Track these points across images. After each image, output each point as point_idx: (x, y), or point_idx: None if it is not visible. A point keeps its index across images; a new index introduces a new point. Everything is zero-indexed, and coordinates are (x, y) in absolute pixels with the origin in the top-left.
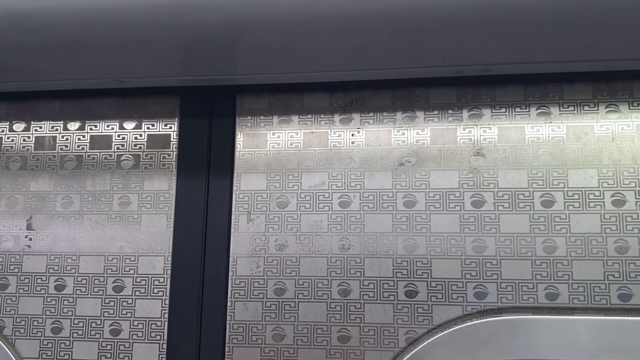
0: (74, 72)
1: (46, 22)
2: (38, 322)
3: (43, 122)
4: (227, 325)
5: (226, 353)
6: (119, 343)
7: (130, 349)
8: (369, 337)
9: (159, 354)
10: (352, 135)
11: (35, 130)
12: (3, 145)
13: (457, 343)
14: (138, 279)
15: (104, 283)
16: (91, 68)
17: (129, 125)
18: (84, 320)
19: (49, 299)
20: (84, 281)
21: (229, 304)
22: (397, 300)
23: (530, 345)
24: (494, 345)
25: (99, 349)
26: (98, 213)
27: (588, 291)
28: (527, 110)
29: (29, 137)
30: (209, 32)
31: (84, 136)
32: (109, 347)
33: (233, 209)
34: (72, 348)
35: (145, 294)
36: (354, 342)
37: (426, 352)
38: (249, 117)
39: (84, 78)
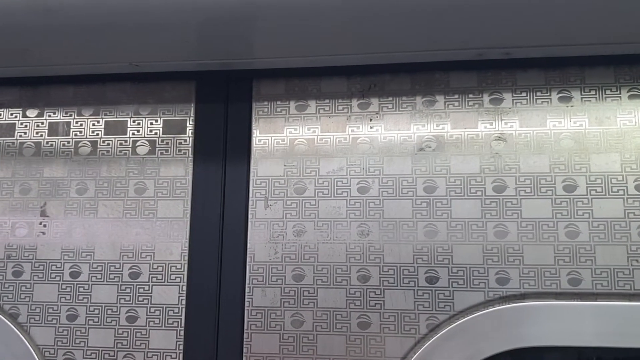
0: (88, 56)
1: (61, 5)
2: (53, 310)
3: (57, 108)
4: (246, 311)
5: (245, 339)
6: (135, 330)
7: (147, 336)
8: (389, 323)
9: (176, 341)
10: (371, 120)
11: (49, 116)
12: (16, 132)
13: (479, 329)
14: (155, 265)
15: (120, 270)
16: (106, 51)
17: (145, 110)
18: (100, 308)
19: (64, 286)
20: (100, 268)
21: (247, 289)
22: (418, 287)
23: (553, 331)
24: (516, 331)
25: (115, 336)
26: (114, 199)
27: (611, 276)
28: (548, 94)
29: (42, 123)
30: (225, 15)
31: (98, 122)
32: (125, 334)
33: (250, 195)
34: (87, 335)
35: (162, 281)
36: (374, 328)
37: (448, 338)
38: (266, 103)
39: (99, 62)
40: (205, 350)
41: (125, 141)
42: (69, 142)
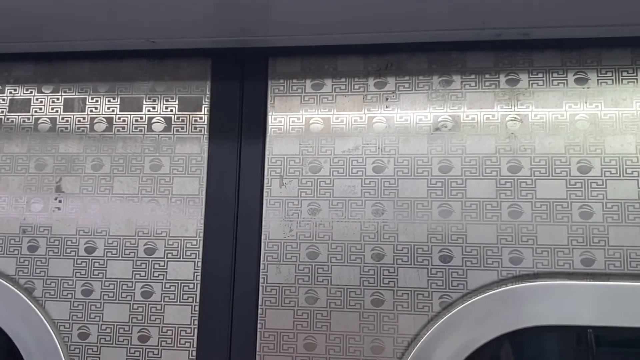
0: (105, 32)
1: None
2: (68, 284)
3: (72, 84)
4: (260, 288)
5: (259, 315)
6: (150, 305)
7: (162, 311)
8: (402, 301)
9: (191, 316)
10: (387, 99)
11: (64, 92)
12: (32, 107)
13: (492, 308)
14: (170, 242)
15: (135, 245)
16: (123, 28)
17: (160, 87)
18: (115, 283)
19: (79, 261)
20: (115, 243)
21: (261, 266)
22: (432, 265)
23: (565, 310)
24: (529, 310)
25: (129, 311)
26: (129, 175)
27: (624, 257)
28: (565, 75)
29: (57, 99)
30: None
31: (114, 98)
32: (140, 309)
33: (265, 173)
34: (102, 310)
35: (178, 257)
36: (387, 306)
37: (461, 316)
38: (282, 81)
39: (115, 38)
40: (220, 325)
41: (141, 118)
42: (84, 118)
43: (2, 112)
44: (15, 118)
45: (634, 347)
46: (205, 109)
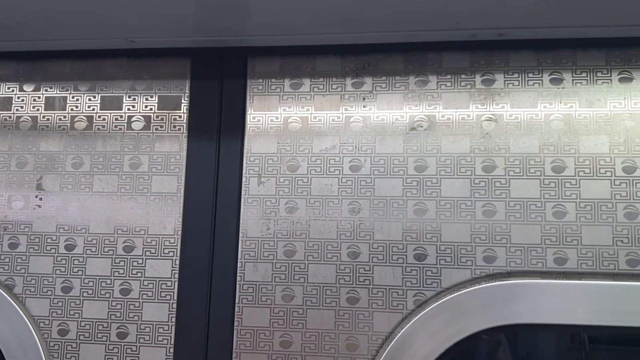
0: (85, 31)
1: None
2: (48, 281)
3: (53, 83)
4: (237, 286)
5: (236, 313)
6: (129, 302)
7: (140, 308)
8: (377, 299)
9: (169, 313)
10: (364, 99)
11: (46, 90)
12: (13, 105)
13: (466, 306)
14: (148, 239)
15: (114, 243)
16: (102, 27)
17: (140, 86)
18: (94, 280)
19: (59, 259)
20: (94, 241)
21: (239, 264)
22: (406, 263)
23: (538, 309)
24: (502, 308)
25: (109, 308)
26: (109, 174)
27: (596, 256)
28: (540, 76)
29: (39, 97)
30: None
31: (94, 97)
32: (118, 306)
33: (244, 172)
34: (82, 307)
35: (156, 254)
36: (362, 304)
37: (434, 314)
38: (260, 80)
39: (95, 37)
40: (197, 323)
41: (121, 116)
42: (65, 116)
43: None
44: None
45: (606, 345)
46: (185, 107)
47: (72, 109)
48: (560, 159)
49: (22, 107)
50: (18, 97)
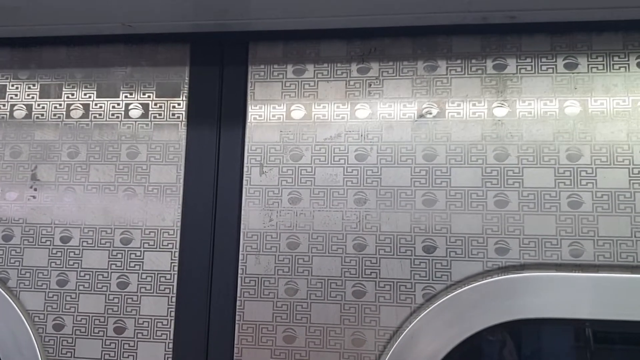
0: (80, 16)
1: None
2: (43, 275)
3: (49, 70)
4: (239, 279)
5: (237, 307)
6: (126, 296)
7: (138, 302)
8: (384, 293)
9: (168, 308)
10: (370, 85)
11: (41, 77)
12: (7, 93)
13: (477, 300)
14: (147, 231)
15: (111, 235)
16: (98, 10)
17: (138, 73)
18: (91, 273)
19: (54, 251)
20: (91, 233)
21: (240, 257)
22: (415, 256)
23: (552, 303)
24: (515, 302)
25: (105, 302)
26: (105, 163)
27: (614, 248)
28: (554, 60)
29: (33, 85)
30: None
31: (91, 84)
32: (116, 300)
33: (245, 161)
34: (77, 301)
35: (154, 247)
36: (369, 297)
37: (444, 308)
38: (262, 66)
39: (92, 22)
40: (197, 317)
41: (118, 104)
42: (60, 104)
43: None
44: None
45: (624, 340)
46: (184, 95)
47: (67, 97)
48: (576, 147)
49: (16, 95)
50: (12, 85)
